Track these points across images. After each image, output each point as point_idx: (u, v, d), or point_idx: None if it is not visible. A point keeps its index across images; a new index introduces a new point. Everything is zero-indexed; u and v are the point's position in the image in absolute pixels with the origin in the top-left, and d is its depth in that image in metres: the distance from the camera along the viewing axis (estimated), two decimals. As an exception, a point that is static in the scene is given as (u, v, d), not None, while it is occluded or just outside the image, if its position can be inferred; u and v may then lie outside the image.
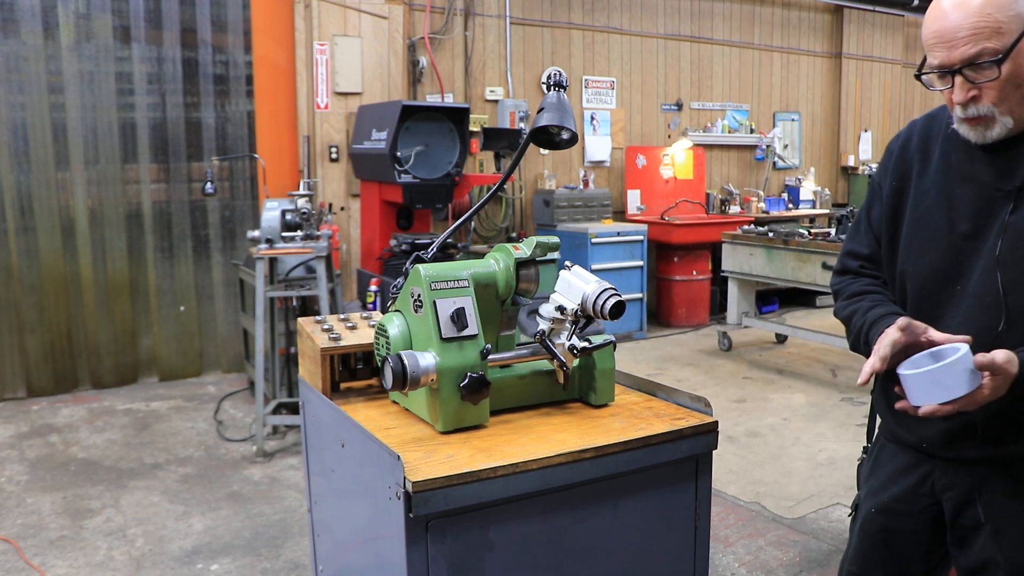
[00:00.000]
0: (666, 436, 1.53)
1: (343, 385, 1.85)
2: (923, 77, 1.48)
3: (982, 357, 1.36)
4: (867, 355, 1.51)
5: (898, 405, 1.45)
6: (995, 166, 1.49)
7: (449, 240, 3.75)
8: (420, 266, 1.56)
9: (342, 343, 1.76)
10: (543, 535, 1.44)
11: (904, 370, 1.43)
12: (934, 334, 1.46)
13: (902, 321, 1.46)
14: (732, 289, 6.58)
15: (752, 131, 8.84)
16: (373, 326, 1.85)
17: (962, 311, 1.53)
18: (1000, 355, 1.37)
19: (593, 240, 6.87)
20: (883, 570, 1.76)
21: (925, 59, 1.47)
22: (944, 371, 1.36)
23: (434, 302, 1.51)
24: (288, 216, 4.49)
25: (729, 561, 3.28)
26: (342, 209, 6.21)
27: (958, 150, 1.55)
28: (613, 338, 1.67)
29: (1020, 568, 1.55)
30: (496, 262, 1.64)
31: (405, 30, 6.48)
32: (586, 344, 1.61)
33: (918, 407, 1.41)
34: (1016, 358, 1.39)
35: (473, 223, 6.92)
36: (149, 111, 5.73)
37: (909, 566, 1.73)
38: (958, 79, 1.42)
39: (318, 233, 4.53)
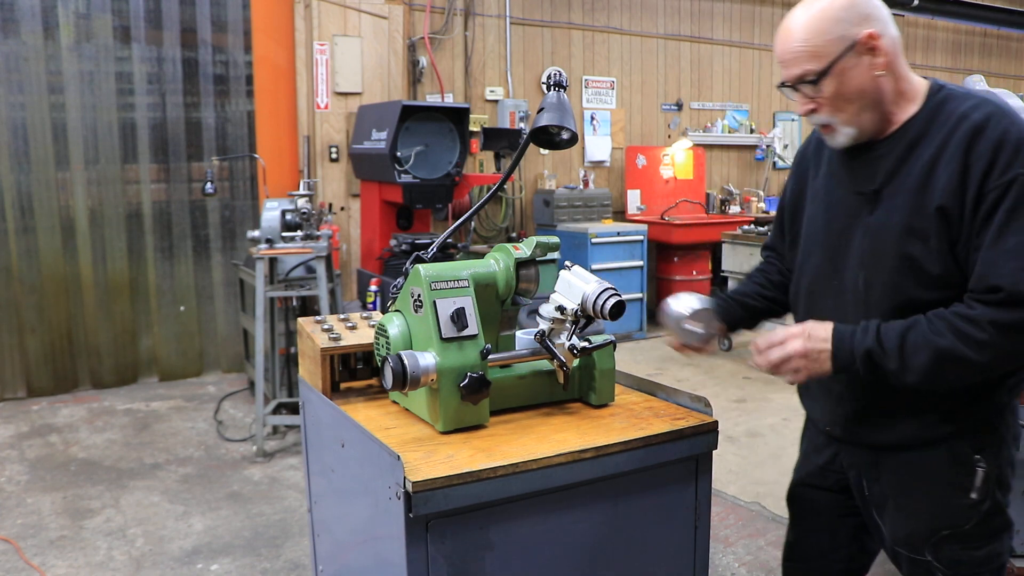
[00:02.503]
0: (666, 436, 1.53)
1: (343, 385, 1.85)
2: (783, 89, 1.66)
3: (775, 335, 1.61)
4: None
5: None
6: (859, 170, 1.65)
7: (449, 240, 3.75)
8: (420, 266, 1.56)
9: (342, 343, 1.76)
10: (543, 535, 1.44)
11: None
12: None
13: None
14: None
15: (752, 131, 8.84)
16: (373, 326, 1.85)
17: (840, 304, 1.68)
18: (782, 332, 1.61)
19: (593, 240, 6.87)
20: (815, 536, 1.93)
21: None
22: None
23: (434, 302, 1.51)
24: (288, 216, 4.49)
25: (729, 561, 3.28)
26: (342, 209, 6.21)
27: (837, 155, 1.71)
28: (613, 338, 1.67)
29: (913, 537, 1.68)
30: (496, 262, 1.64)
31: (405, 30, 6.48)
32: (586, 344, 1.62)
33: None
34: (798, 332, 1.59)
35: (473, 223, 6.91)
36: (149, 111, 5.73)
37: (838, 532, 1.89)
38: (796, 94, 1.62)
39: (318, 233, 4.53)
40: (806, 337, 1.58)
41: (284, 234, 4.45)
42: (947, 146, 1.52)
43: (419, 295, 1.54)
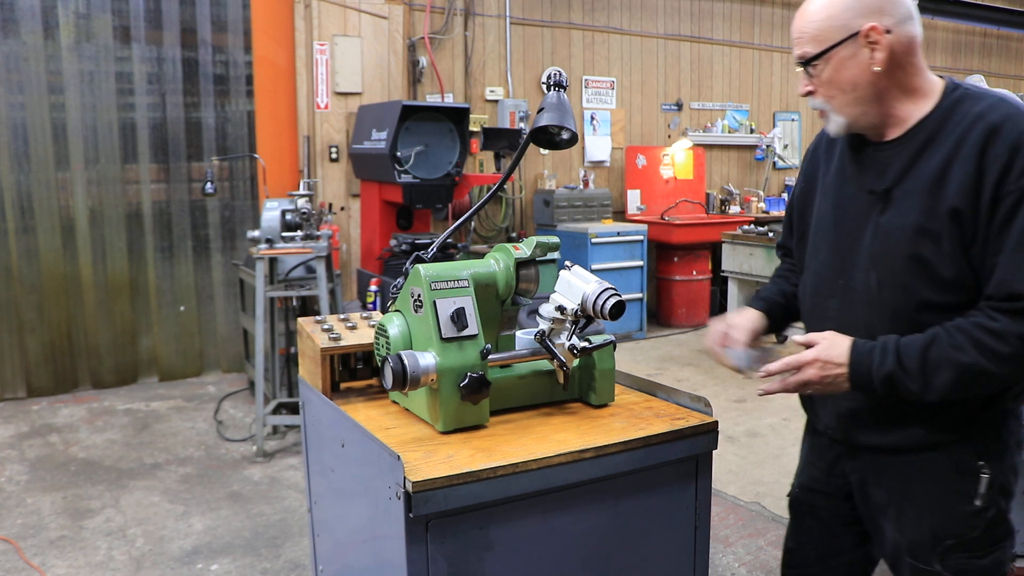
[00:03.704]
0: (666, 436, 1.53)
1: (343, 385, 1.85)
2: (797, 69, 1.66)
3: (803, 338, 1.62)
4: None
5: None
6: (870, 168, 1.62)
7: (449, 240, 3.75)
8: (420, 266, 1.56)
9: (342, 343, 1.76)
10: (543, 535, 1.44)
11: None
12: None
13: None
14: (732, 289, 6.58)
15: (752, 131, 8.84)
16: (373, 326, 1.85)
17: (847, 304, 1.66)
18: (816, 337, 1.60)
19: (593, 240, 6.87)
20: (815, 543, 1.90)
21: None
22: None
23: (434, 302, 1.51)
24: (288, 216, 4.49)
25: (729, 561, 3.28)
26: (342, 209, 6.21)
27: (849, 151, 1.69)
28: (613, 338, 1.67)
29: (917, 545, 1.65)
30: (496, 262, 1.64)
31: (405, 30, 6.48)
32: (586, 344, 1.61)
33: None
34: (830, 344, 1.57)
35: (473, 223, 6.92)
36: (149, 111, 5.73)
37: (838, 538, 1.86)
38: (802, 74, 1.62)
39: (318, 233, 4.53)
40: (821, 365, 1.56)
41: (284, 234, 4.44)
42: (962, 147, 1.49)
43: (419, 295, 1.54)
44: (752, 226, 6.65)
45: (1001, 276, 1.45)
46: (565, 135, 1.75)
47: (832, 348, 1.56)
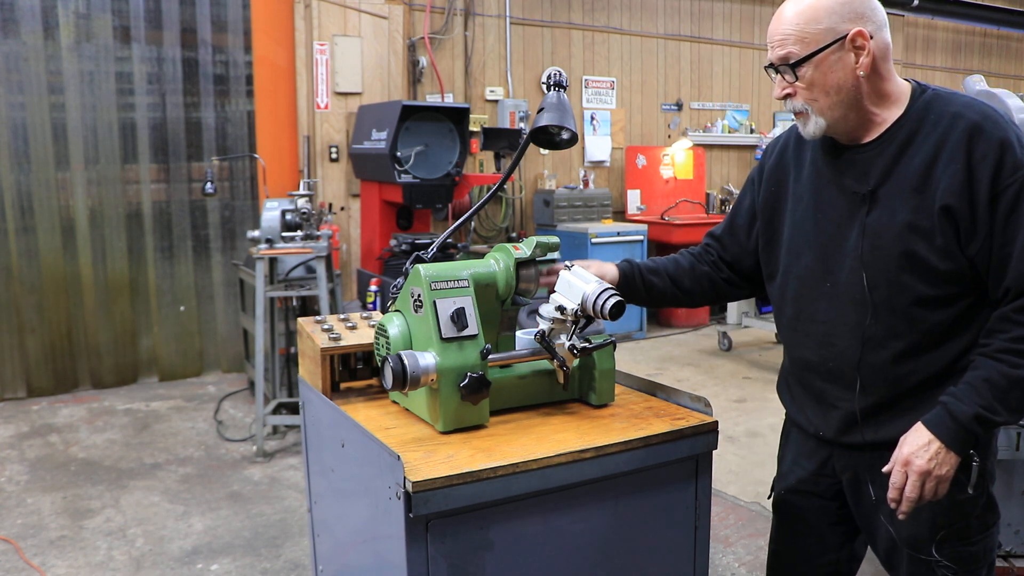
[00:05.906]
0: (666, 436, 1.53)
1: (343, 385, 1.85)
2: (768, 70, 1.65)
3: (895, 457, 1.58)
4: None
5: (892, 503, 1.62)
6: (852, 170, 1.64)
7: (449, 240, 3.75)
8: (420, 266, 1.56)
9: (342, 343, 1.76)
10: (543, 535, 1.44)
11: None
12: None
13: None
14: (732, 289, 6.56)
15: (752, 131, 8.83)
16: (373, 326, 1.85)
17: (836, 306, 1.66)
18: (894, 455, 1.58)
19: (593, 240, 6.87)
20: (802, 544, 1.90)
21: None
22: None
23: (434, 302, 1.51)
24: (288, 216, 4.49)
25: (729, 561, 3.28)
26: (342, 209, 6.21)
27: (825, 155, 1.69)
28: (613, 338, 1.67)
29: (916, 541, 1.67)
30: (496, 262, 1.64)
31: (405, 30, 6.48)
32: (586, 344, 1.62)
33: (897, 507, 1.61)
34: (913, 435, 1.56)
35: (473, 223, 6.91)
36: (149, 111, 5.73)
37: (825, 538, 1.87)
38: (776, 76, 1.62)
39: (318, 233, 4.53)
40: (918, 454, 1.53)
41: (284, 234, 4.44)
42: (944, 146, 1.53)
43: (419, 295, 1.54)
44: (752, 226, 6.62)
45: (1020, 268, 1.49)
46: (565, 135, 1.75)
47: (910, 438, 1.55)
